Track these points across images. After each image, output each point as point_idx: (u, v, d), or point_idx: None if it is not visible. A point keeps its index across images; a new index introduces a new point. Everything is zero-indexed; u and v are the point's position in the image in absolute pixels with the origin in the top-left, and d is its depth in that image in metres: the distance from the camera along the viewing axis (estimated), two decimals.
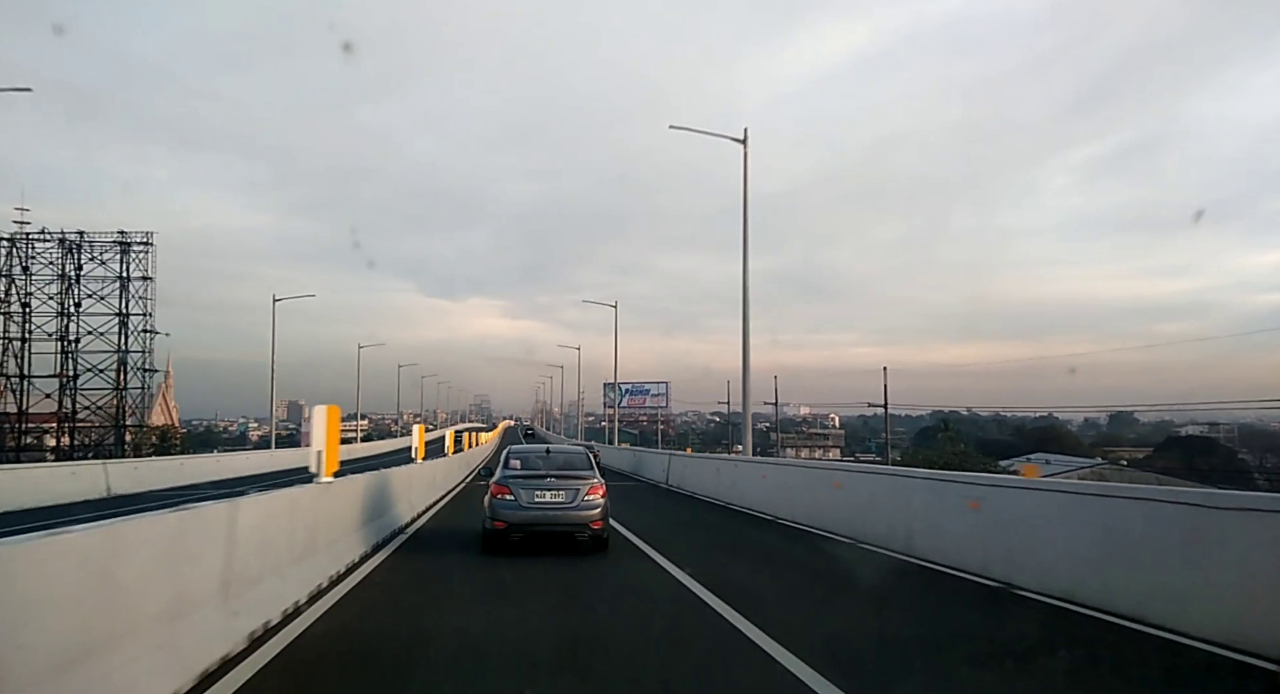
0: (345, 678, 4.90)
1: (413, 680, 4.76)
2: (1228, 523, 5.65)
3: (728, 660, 5.30)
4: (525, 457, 11.01)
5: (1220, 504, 5.78)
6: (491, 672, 4.94)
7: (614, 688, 4.74)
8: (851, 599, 7.80)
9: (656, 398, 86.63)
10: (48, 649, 3.19)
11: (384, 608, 6.84)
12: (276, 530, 6.42)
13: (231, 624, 5.08)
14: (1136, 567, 6.42)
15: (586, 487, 10.01)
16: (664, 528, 13.48)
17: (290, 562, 6.66)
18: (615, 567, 9.32)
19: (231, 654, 4.83)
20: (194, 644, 4.50)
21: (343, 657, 5.27)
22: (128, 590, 3.86)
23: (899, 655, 5.48)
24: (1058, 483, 10.02)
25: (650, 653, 5.52)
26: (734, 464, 19.06)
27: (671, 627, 6.33)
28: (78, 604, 3.43)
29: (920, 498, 10.24)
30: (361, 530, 9.65)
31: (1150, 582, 6.22)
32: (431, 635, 5.86)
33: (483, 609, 6.89)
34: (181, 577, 4.48)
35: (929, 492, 10.19)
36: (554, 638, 5.86)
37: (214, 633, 4.80)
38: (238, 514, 5.38)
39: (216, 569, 5.01)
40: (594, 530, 9.93)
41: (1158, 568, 6.21)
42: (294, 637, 5.51)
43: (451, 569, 9.13)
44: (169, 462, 27.54)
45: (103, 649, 3.55)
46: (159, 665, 4.02)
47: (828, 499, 12.90)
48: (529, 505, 9.85)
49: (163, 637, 4.13)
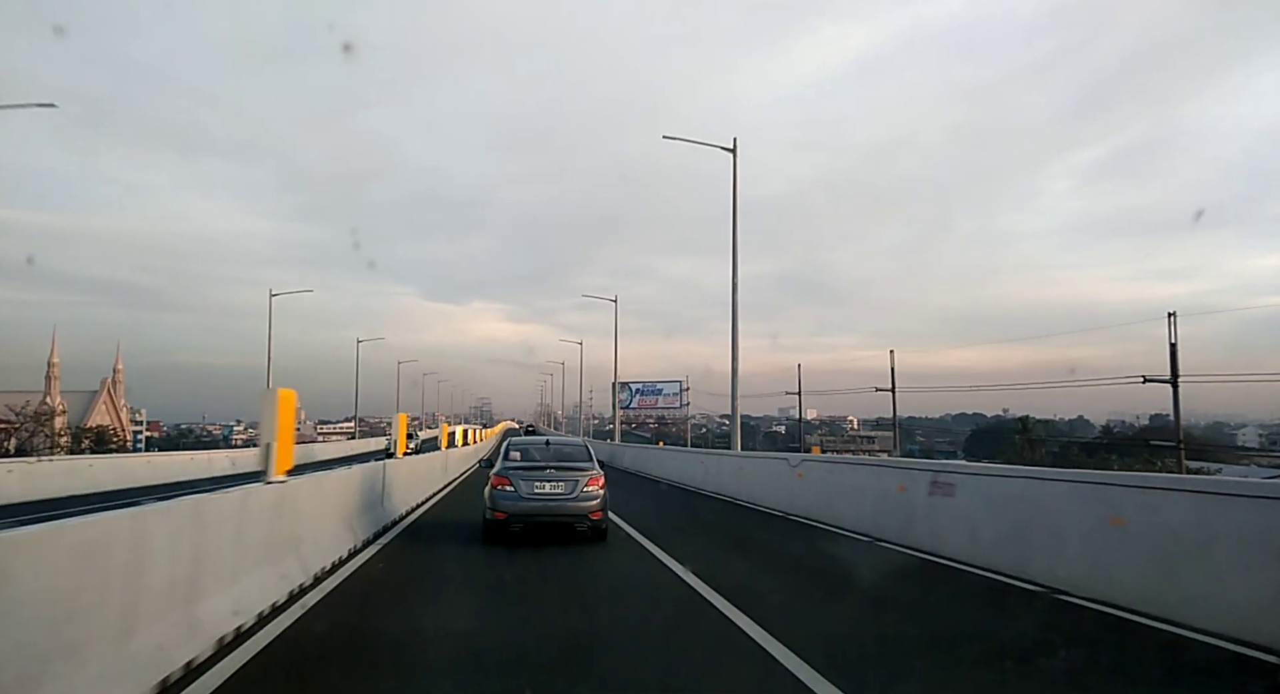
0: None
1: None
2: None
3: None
4: (525, 448, 10.95)
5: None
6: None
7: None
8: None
9: (670, 398, 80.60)
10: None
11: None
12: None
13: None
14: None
15: (586, 478, 10.02)
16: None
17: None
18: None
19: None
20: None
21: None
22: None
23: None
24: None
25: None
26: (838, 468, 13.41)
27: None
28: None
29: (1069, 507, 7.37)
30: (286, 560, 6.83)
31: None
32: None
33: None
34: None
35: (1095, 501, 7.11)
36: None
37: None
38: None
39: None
40: (593, 521, 9.97)
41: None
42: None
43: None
44: (71, 463, 22.21)
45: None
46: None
47: (923, 507, 9.75)
48: (529, 496, 9.84)
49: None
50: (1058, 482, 7.90)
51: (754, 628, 5.68)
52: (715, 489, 19.25)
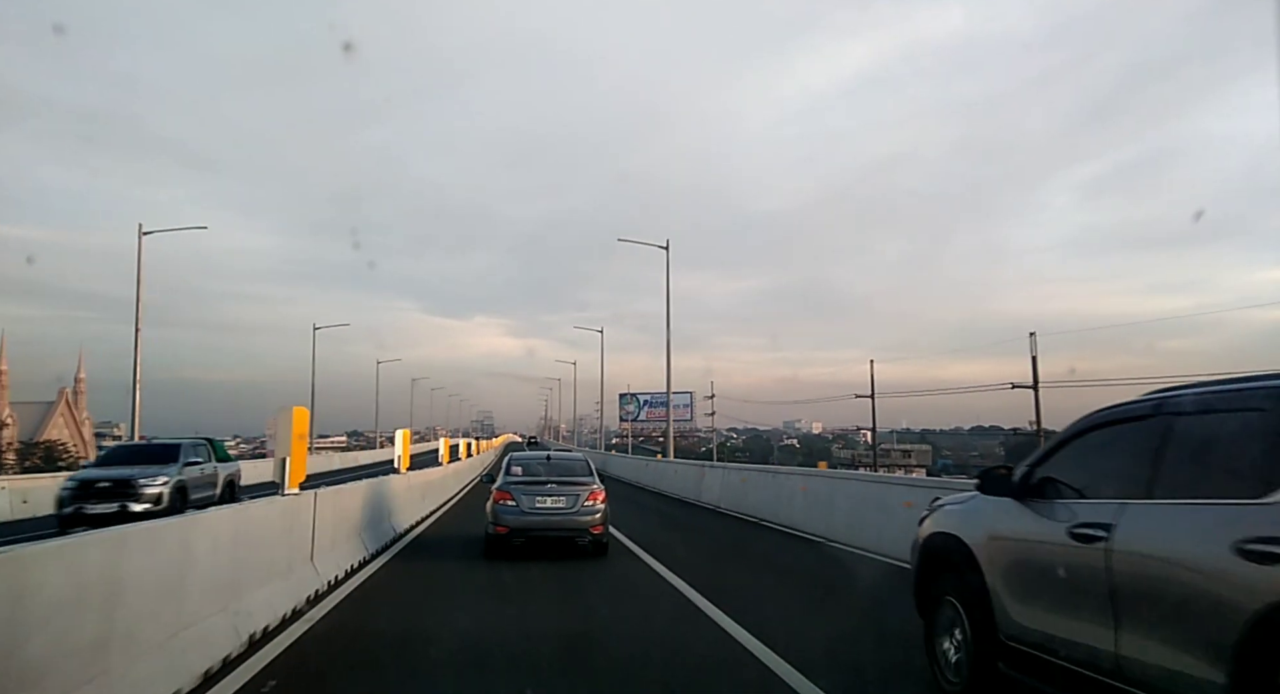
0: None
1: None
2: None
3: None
4: (526, 463, 11.05)
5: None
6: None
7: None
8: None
9: (680, 410, 77.63)
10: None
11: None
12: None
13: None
14: None
15: (587, 492, 10.12)
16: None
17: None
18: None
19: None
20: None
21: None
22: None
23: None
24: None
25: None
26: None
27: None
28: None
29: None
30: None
31: None
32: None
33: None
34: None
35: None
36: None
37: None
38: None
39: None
40: (594, 535, 10.04)
41: None
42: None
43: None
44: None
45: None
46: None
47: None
48: (530, 511, 9.92)
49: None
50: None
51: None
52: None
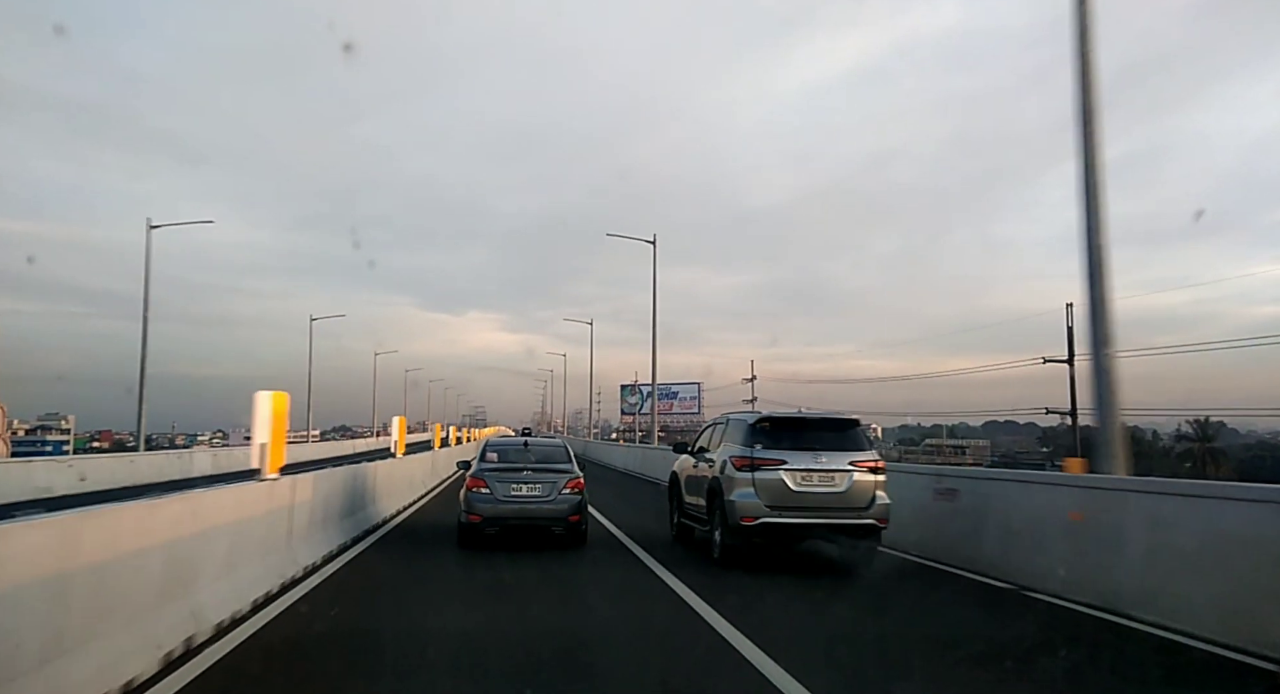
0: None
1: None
2: None
3: None
4: (503, 449, 10.62)
5: None
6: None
7: None
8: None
9: (686, 402, 76.78)
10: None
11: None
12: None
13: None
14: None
15: (565, 480, 9.75)
16: None
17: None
18: None
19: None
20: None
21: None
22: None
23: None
24: None
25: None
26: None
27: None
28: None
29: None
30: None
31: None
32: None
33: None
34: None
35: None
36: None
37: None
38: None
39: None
40: (570, 524, 9.72)
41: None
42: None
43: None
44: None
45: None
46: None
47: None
48: (505, 499, 9.59)
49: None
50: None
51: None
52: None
